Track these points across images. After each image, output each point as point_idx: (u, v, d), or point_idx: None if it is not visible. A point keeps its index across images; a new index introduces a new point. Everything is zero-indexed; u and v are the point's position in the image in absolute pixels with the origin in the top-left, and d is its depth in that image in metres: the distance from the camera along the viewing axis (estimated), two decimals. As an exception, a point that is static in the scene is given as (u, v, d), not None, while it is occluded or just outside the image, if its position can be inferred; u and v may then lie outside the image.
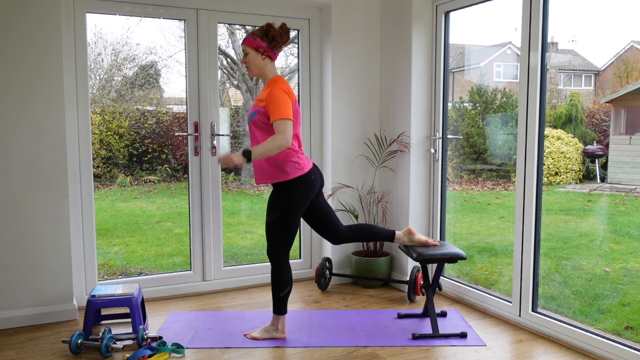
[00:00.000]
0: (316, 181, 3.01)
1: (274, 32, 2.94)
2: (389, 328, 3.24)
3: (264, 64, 2.98)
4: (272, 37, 2.94)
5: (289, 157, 2.92)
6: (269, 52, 2.97)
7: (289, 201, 2.93)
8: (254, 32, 2.97)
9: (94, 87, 5.32)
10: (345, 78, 4.14)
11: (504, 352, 2.90)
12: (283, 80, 2.97)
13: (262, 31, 2.95)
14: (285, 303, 3.06)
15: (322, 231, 3.20)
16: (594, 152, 4.36)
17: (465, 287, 3.74)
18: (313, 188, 3.00)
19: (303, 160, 2.98)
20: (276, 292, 3.03)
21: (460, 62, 5.26)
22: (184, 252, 4.91)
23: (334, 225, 3.18)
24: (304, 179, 2.94)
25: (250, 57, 2.98)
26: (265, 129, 2.90)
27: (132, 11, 3.65)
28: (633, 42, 4.06)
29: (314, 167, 3.03)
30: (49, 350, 2.92)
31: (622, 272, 3.74)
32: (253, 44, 2.96)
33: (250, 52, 2.97)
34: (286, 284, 3.02)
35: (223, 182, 4.48)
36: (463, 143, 4.98)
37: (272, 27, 2.96)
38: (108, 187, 5.57)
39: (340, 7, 4.08)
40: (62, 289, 3.39)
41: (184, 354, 2.87)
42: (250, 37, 2.97)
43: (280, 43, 2.97)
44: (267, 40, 2.95)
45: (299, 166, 2.94)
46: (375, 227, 3.31)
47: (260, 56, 2.97)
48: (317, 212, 3.15)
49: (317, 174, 3.03)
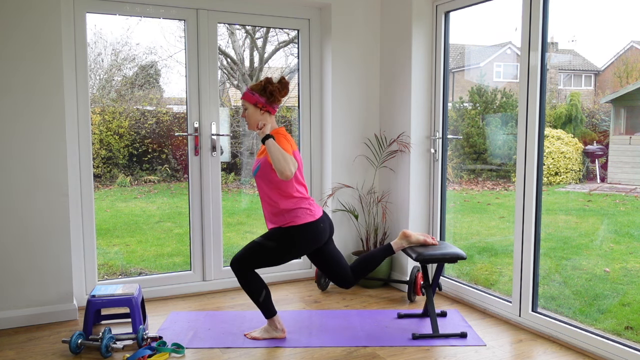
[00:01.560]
0: (325, 229, 3.02)
1: (272, 88, 2.95)
2: (389, 328, 3.24)
3: (262, 118, 2.99)
4: (270, 93, 2.95)
5: (299, 204, 2.94)
6: (268, 107, 2.97)
7: (292, 244, 2.95)
8: (252, 87, 2.99)
9: (94, 87, 5.32)
10: (345, 78, 4.14)
11: (504, 352, 2.90)
12: (284, 131, 2.99)
13: (261, 87, 2.96)
14: (269, 305, 3.04)
15: (332, 277, 3.16)
16: (594, 152, 4.36)
17: (465, 287, 3.74)
18: (322, 236, 3.01)
19: (314, 207, 3.00)
20: (255, 300, 3.01)
21: (460, 62, 5.26)
22: (184, 252, 4.91)
23: (343, 271, 3.15)
24: (313, 225, 2.95)
25: (249, 112, 2.99)
26: (271, 180, 2.92)
27: (132, 11, 3.65)
28: (633, 42, 4.05)
29: (324, 214, 3.05)
30: (49, 350, 2.92)
31: (622, 272, 3.74)
32: (252, 99, 2.97)
33: (249, 107, 2.99)
34: (260, 290, 2.99)
35: (223, 182, 4.48)
36: (463, 143, 4.98)
37: (270, 82, 2.97)
38: (108, 187, 5.57)
39: (340, 7, 4.08)
40: (62, 289, 3.39)
41: (184, 354, 2.87)
42: (248, 92, 2.98)
43: (278, 98, 2.98)
44: (266, 96, 2.95)
45: (310, 212, 2.96)
46: (372, 252, 3.28)
47: (259, 111, 2.98)
48: (327, 259, 3.13)
49: (326, 221, 3.05)
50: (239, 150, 5.94)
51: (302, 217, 2.93)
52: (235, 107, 6.09)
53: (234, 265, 2.98)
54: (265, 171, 2.93)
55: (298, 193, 2.96)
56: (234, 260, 2.99)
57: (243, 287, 3.00)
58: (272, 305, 3.06)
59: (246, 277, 2.97)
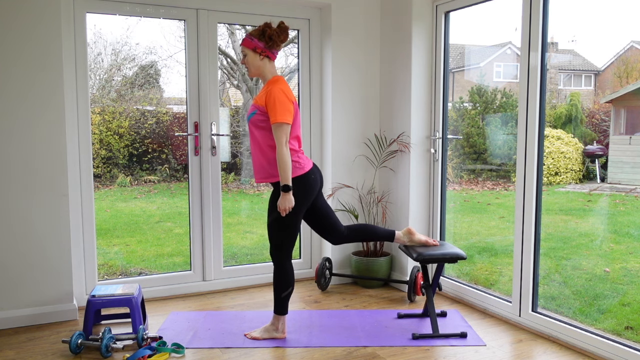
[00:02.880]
0: (316, 180, 3.01)
1: (271, 32, 2.93)
2: (389, 328, 3.24)
3: (262, 64, 2.98)
4: (269, 37, 2.93)
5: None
6: (267, 52, 2.96)
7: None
8: (251, 33, 2.97)
9: (94, 87, 5.31)
10: (345, 78, 4.14)
11: (504, 352, 2.90)
12: (283, 80, 2.96)
13: (259, 31, 2.95)
14: (286, 304, 3.06)
15: (322, 231, 3.20)
16: (594, 152, 4.36)
17: (465, 287, 3.74)
18: (313, 187, 3.00)
19: (303, 159, 2.98)
20: (278, 292, 3.03)
21: (460, 62, 5.26)
22: (184, 252, 4.91)
23: (334, 225, 3.18)
24: (304, 178, 2.95)
25: (249, 58, 2.98)
26: (264, 128, 2.91)
27: (132, 11, 3.65)
28: (633, 42, 4.06)
29: (314, 166, 3.03)
30: (49, 350, 2.92)
31: (622, 272, 3.74)
32: (250, 44, 2.95)
33: (249, 52, 2.97)
34: (288, 285, 3.02)
35: (223, 182, 4.48)
36: (463, 143, 4.98)
37: (269, 26, 2.95)
38: (108, 187, 5.57)
39: (340, 7, 4.08)
40: (62, 289, 3.39)
41: (184, 354, 2.87)
42: (247, 37, 2.97)
43: (277, 42, 2.96)
44: (265, 40, 2.94)
45: (299, 165, 2.94)
46: (375, 227, 3.30)
47: (258, 56, 2.97)
48: (316, 212, 3.14)
49: (317, 173, 3.03)
50: (239, 150, 5.94)
51: (293, 172, 2.91)
52: (235, 107, 6.09)
53: (272, 256, 3.01)
54: (259, 118, 2.91)
55: (290, 145, 2.92)
56: (270, 253, 3.02)
57: (275, 276, 3.02)
58: (287, 305, 3.08)
59: (283, 266, 2.99)
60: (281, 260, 3.00)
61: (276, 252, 3.00)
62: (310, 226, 3.23)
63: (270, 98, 2.84)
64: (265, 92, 2.90)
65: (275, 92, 2.85)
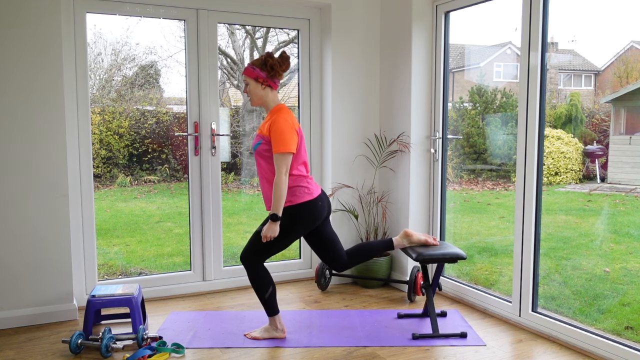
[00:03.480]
0: (323, 208, 3.02)
1: (273, 62, 2.95)
2: (389, 328, 3.24)
3: (264, 93, 2.99)
4: (270, 67, 2.94)
5: (298, 182, 2.94)
6: (269, 81, 2.97)
7: (292, 224, 2.94)
8: (253, 62, 2.99)
9: (94, 87, 5.32)
10: (345, 78, 4.14)
11: (504, 352, 2.90)
12: (285, 108, 2.98)
13: (261, 61, 2.96)
14: (274, 303, 3.05)
15: (326, 258, 3.17)
16: (594, 152, 4.36)
17: (465, 287, 3.74)
18: (320, 214, 3.01)
19: (312, 185, 3.00)
20: (260, 295, 3.01)
21: (460, 62, 5.26)
22: (184, 252, 4.91)
23: (338, 253, 3.16)
24: (311, 204, 2.96)
25: (251, 87, 3.00)
26: (270, 157, 2.92)
27: (132, 11, 3.65)
28: (633, 42, 4.06)
29: (322, 193, 3.05)
30: (49, 350, 2.92)
31: (622, 272, 3.74)
32: (252, 74, 2.97)
33: (251, 82, 2.99)
34: (267, 286, 3.00)
35: (223, 182, 4.48)
36: (463, 143, 4.98)
37: (271, 56, 2.96)
38: (108, 187, 5.57)
39: (340, 7, 4.08)
40: (62, 289, 3.39)
41: (184, 354, 2.87)
42: (249, 67, 2.98)
43: (279, 72, 2.97)
44: (267, 70, 2.95)
45: (308, 191, 2.96)
46: (371, 243, 3.29)
47: (260, 86, 2.98)
48: (322, 239, 3.13)
49: (324, 200, 3.04)
50: (239, 150, 5.94)
51: (300, 196, 2.93)
52: (235, 107, 6.09)
53: (243, 259, 2.99)
54: (265, 148, 2.92)
55: (297, 171, 2.95)
56: (242, 254, 3.00)
57: (251, 281, 3.00)
58: (276, 304, 3.06)
59: (256, 270, 2.97)
60: (254, 264, 2.98)
61: (250, 258, 2.97)
62: (315, 251, 3.21)
63: (274, 127, 2.86)
64: (269, 122, 2.91)
65: (278, 122, 2.86)
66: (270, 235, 2.88)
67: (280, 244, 2.96)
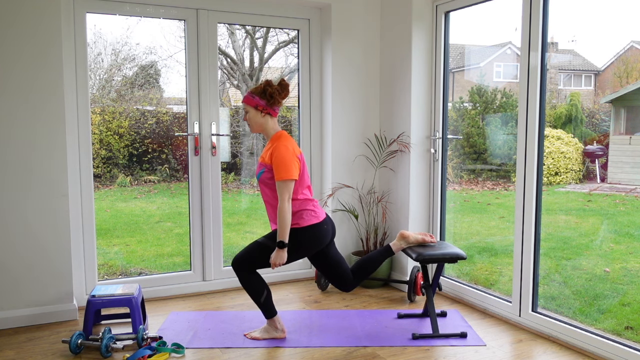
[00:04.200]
0: (328, 231, 3.04)
1: (272, 90, 2.95)
2: (389, 328, 3.24)
3: (264, 121, 3.00)
4: (270, 95, 2.95)
5: (304, 206, 2.96)
6: (269, 109, 2.98)
7: (296, 245, 2.94)
8: (252, 91, 3.00)
9: (94, 87, 5.31)
10: (345, 78, 4.14)
11: (504, 352, 2.90)
12: (286, 135, 2.99)
13: (261, 89, 2.97)
14: (270, 306, 3.05)
15: (333, 279, 3.17)
16: (594, 152, 4.36)
17: (465, 287, 3.74)
18: (325, 237, 3.02)
19: (318, 209, 3.02)
20: (256, 300, 3.01)
21: (460, 62, 5.26)
22: (184, 252, 4.91)
23: (345, 273, 3.16)
24: (317, 227, 2.97)
25: (250, 115, 3.00)
26: (274, 185, 2.94)
27: (132, 11, 3.65)
28: (633, 42, 4.05)
29: (327, 217, 3.06)
30: (49, 350, 2.92)
31: (622, 272, 3.74)
32: (252, 102, 2.97)
33: (250, 110, 3.00)
34: (262, 290, 3.00)
35: (223, 182, 4.48)
36: (463, 143, 4.98)
37: (270, 85, 2.97)
38: (108, 187, 5.56)
39: (340, 7, 4.08)
40: (62, 289, 3.39)
41: (184, 354, 2.87)
42: (249, 95, 2.99)
43: (279, 100, 2.98)
44: (266, 98, 2.96)
45: (315, 214, 2.98)
46: (371, 255, 3.28)
47: (260, 114, 2.99)
48: (328, 261, 3.14)
49: (329, 223, 3.06)
50: (239, 150, 5.94)
51: (307, 219, 2.95)
52: (235, 107, 6.09)
53: (235, 265, 2.99)
54: (268, 176, 2.94)
55: (302, 195, 2.97)
56: (234, 260, 3.00)
57: (244, 287, 3.00)
58: (272, 306, 3.06)
59: (247, 278, 2.97)
60: (244, 272, 2.98)
61: (243, 265, 2.97)
62: (322, 273, 3.22)
63: (275, 155, 2.87)
64: (270, 150, 2.92)
65: (279, 149, 2.88)
66: (279, 263, 2.89)
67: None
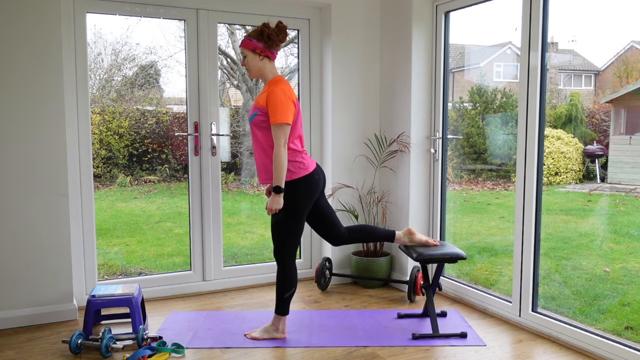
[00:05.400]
0: (320, 180, 3.02)
1: (269, 32, 2.93)
2: (389, 328, 3.24)
3: (262, 64, 2.98)
4: (267, 37, 2.92)
5: (292, 157, 2.92)
6: (267, 52, 2.96)
7: (294, 201, 2.93)
8: (249, 34, 2.98)
9: (94, 87, 5.31)
10: (345, 78, 4.14)
11: (504, 352, 2.90)
12: (283, 80, 2.96)
13: (258, 32, 2.95)
14: (288, 304, 3.06)
15: (322, 232, 3.20)
16: (594, 152, 4.36)
17: (465, 287, 3.74)
18: (317, 188, 3.00)
19: (307, 160, 2.99)
20: (280, 292, 3.03)
21: (460, 62, 5.26)
22: (184, 252, 4.91)
23: (335, 226, 3.18)
24: (308, 178, 2.95)
25: (249, 59, 2.98)
26: (266, 129, 2.91)
27: (132, 11, 3.65)
28: (633, 42, 4.06)
29: (317, 167, 3.04)
30: (49, 350, 2.92)
31: (622, 272, 3.74)
32: (249, 45, 2.95)
33: (248, 54, 2.97)
34: (291, 286, 3.02)
35: (223, 182, 4.48)
36: (463, 143, 4.98)
37: (267, 26, 2.95)
38: (108, 187, 5.57)
39: (340, 7, 4.08)
40: (62, 289, 3.39)
41: (184, 354, 2.87)
42: (246, 39, 2.97)
43: (277, 42, 2.95)
44: (264, 40, 2.94)
45: (303, 166, 2.95)
46: (375, 228, 3.30)
47: (258, 57, 2.96)
48: (318, 213, 3.14)
49: (320, 173, 3.04)
50: (239, 150, 5.94)
51: (297, 172, 2.92)
52: (235, 107, 6.09)
53: (276, 257, 3.01)
54: (261, 119, 2.90)
55: (293, 145, 2.93)
56: (274, 252, 3.02)
57: (278, 277, 3.02)
58: (289, 306, 3.08)
59: (287, 268, 2.99)
60: (284, 261, 3.00)
61: (280, 252, 3.00)
62: (311, 226, 3.23)
63: (271, 98, 2.84)
64: (266, 93, 2.90)
65: (276, 92, 2.85)
66: (275, 208, 2.86)
67: (290, 221, 2.94)
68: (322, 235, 3.21)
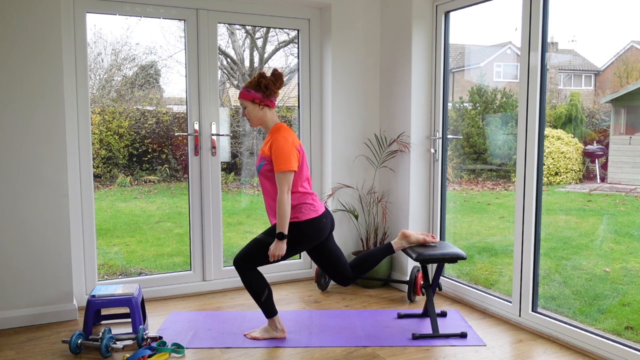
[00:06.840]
0: (327, 225, 3.03)
1: (266, 82, 2.95)
2: (389, 328, 3.24)
3: (262, 113, 3.00)
4: (265, 87, 2.95)
5: (303, 199, 2.95)
6: (266, 101, 2.98)
7: (295, 239, 2.94)
8: (247, 85, 3.00)
9: (94, 87, 5.31)
10: (345, 78, 4.14)
11: (504, 352, 2.90)
12: (284, 126, 2.99)
13: (255, 82, 2.97)
14: (271, 305, 3.05)
15: (331, 273, 3.17)
16: (594, 152, 4.36)
17: (465, 287, 3.74)
18: (323, 231, 3.02)
19: (317, 202, 3.02)
20: (257, 299, 3.02)
21: (460, 62, 5.26)
22: (184, 252, 4.91)
23: (343, 267, 3.16)
24: (316, 221, 2.97)
25: (249, 110, 3.00)
26: (273, 178, 2.94)
27: (132, 11, 3.65)
28: (633, 42, 4.05)
29: (326, 210, 3.06)
30: (49, 350, 2.92)
31: (622, 272, 3.74)
32: (248, 96, 2.97)
33: (248, 104, 2.99)
34: (263, 289, 3.00)
35: (223, 182, 4.48)
36: (463, 143, 4.97)
37: (264, 76, 2.97)
38: (108, 187, 5.56)
39: (340, 7, 4.08)
40: (62, 289, 3.39)
41: (184, 354, 2.87)
42: (244, 90, 2.99)
43: (274, 90, 2.98)
44: (262, 91, 2.96)
45: (314, 208, 2.97)
46: (372, 251, 3.29)
47: (257, 107, 2.99)
48: (327, 255, 3.14)
49: (328, 217, 3.06)
50: (239, 150, 5.94)
51: (306, 213, 2.94)
52: (235, 107, 6.09)
53: (237, 263, 2.98)
54: (268, 169, 2.93)
55: (302, 188, 2.97)
56: (236, 258, 3.00)
57: (245, 286, 3.00)
58: (273, 305, 3.06)
59: (249, 276, 2.97)
60: (246, 270, 2.98)
61: (244, 264, 2.97)
62: (320, 267, 3.21)
63: (275, 147, 2.87)
64: (270, 141, 2.92)
65: (278, 141, 2.88)
66: (278, 254, 2.89)
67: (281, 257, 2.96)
68: (332, 276, 3.18)
